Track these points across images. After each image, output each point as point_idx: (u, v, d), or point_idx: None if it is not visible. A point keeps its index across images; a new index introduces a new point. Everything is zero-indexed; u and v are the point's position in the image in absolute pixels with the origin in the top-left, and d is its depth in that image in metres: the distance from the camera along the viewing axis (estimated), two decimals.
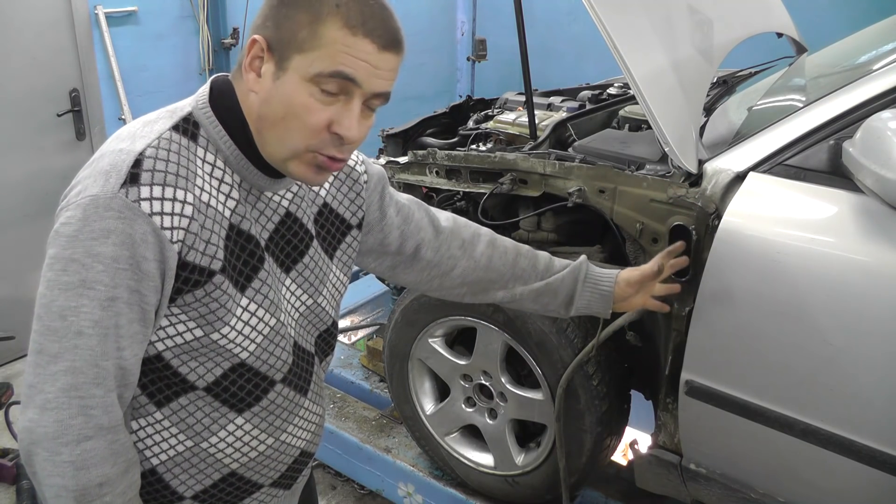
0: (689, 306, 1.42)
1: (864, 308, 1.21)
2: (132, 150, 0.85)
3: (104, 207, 0.82)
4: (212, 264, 0.89)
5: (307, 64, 0.85)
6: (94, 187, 0.83)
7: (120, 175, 0.83)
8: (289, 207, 1.02)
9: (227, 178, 0.93)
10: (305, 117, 0.87)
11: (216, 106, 0.92)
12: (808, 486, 1.41)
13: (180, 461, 0.99)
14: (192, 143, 0.90)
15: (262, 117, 0.89)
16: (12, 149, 3.11)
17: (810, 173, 1.33)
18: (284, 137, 0.89)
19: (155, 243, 0.84)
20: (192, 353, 0.94)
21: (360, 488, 2.45)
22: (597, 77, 2.69)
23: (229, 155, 0.92)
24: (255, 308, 0.96)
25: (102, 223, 0.82)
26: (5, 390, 2.98)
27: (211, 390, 0.97)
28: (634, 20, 1.48)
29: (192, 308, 0.90)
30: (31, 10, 3.05)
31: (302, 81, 0.86)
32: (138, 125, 0.90)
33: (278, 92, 0.87)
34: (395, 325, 1.97)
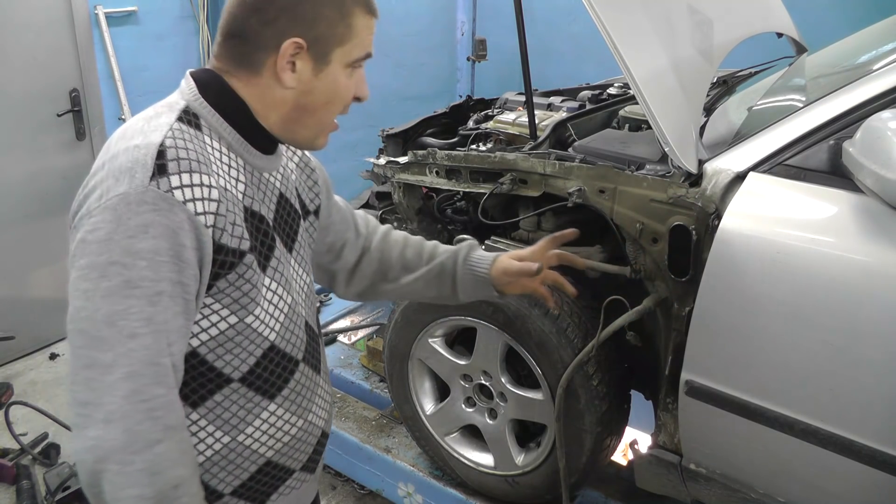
0: (689, 306, 1.43)
1: (864, 308, 1.21)
2: (151, 143, 0.86)
3: (137, 203, 0.82)
4: (241, 245, 0.92)
5: (346, 54, 0.96)
6: (120, 186, 0.83)
7: (147, 168, 0.83)
8: (280, 188, 1.07)
9: (233, 162, 0.96)
10: (346, 96, 0.99)
11: (208, 97, 0.95)
12: (808, 486, 1.41)
13: (218, 459, 1.00)
14: (198, 133, 0.93)
15: (303, 107, 0.97)
16: (12, 149, 3.11)
17: (810, 173, 1.33)
18: (324, 118, 0.99)
19: (191, 230, 0.85)
20: (227, 345, 0.95)
21: (360, 488, 2.45)
22: (597, 77, 2.69)
23: (231, 140, 0.96)
24: (276, 287, 0.99)
25: (139, 218, 0.82)
26: (5, 390, 2.98)
27: (245, 380, 0.99)
28: (634, 20, 1.48)
29: (225, 294, 0.92)
30: (31, 10, 3.05)
31: (343, 68, 0.97)
32: (140, 122, 0.91)
33: (322, 83, 0.96)
34: (395, 325, 1.97)
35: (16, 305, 3.26)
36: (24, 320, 3.29)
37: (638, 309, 1.55)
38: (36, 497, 2.39)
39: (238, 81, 0.96)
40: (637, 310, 1.55)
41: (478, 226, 1.91)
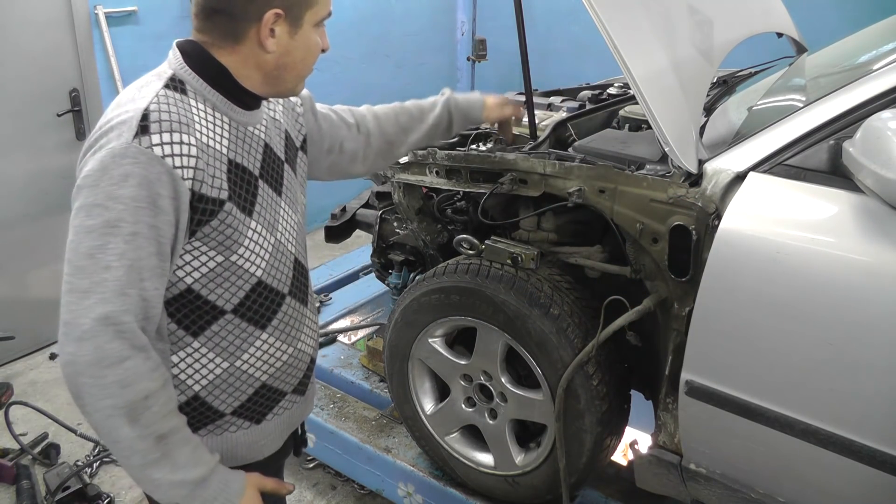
0: (689, 306, 1.43)
1: (864, 308, 1.21)
2: (138, 108, 1.00)
3: (121, 156, 0.96)
4: (220, 194, 1.06)
5: (315, 15, 1.11)
6: (109, 143, 0.97)
7: (132, 129, 0.98)
8: (264, 139, 1.20)
9: (217, 121, 1.10)
10: (316, 51, 1.15)
11: (192, 65, 1.10)
12: (808, 486, 1.41)
13: (219, 383, 1.16)
14: (183, 97, 1.07)
15: (283, 66, 1.12)
16: (12, 149, 3.11)
17: (810, 173, 1.33)
18: (303, 71, 1.15)
19: (169, 182, 0.99)
20: (217, 280, 1.10)
21: (360, 488, 2.45)
22: (597, 77, 2.69)
23: (216, 101, 1.11)
24: (261, 229, 1.14)
25: (121, 169, 0.96)
26: (5, 390, 2.98)
27: (237, 311, 1.14)
28: (634, 20, 1.48)
29: (210, 238, 1.07)
30: (31, 9, 3.05)
31: (313, 28, 1.12)
32: (132, 91, 1.06)
33: (298, 43, 1.11)
34: (395, 325, 1.97)
35: (16, 305, 3.26)
36: (24, 320, 3.29)
37: (638, 309, 1.55)
38: (36, 497, 2.39)
39: (222, 51, 1.10)
40: (637, 310, 1.55)
41: (478, 226, 1.91)
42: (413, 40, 5.11)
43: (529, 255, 1.71)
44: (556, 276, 1.74)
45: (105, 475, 2.58)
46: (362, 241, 3.26)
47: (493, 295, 1.71)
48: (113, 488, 2.51)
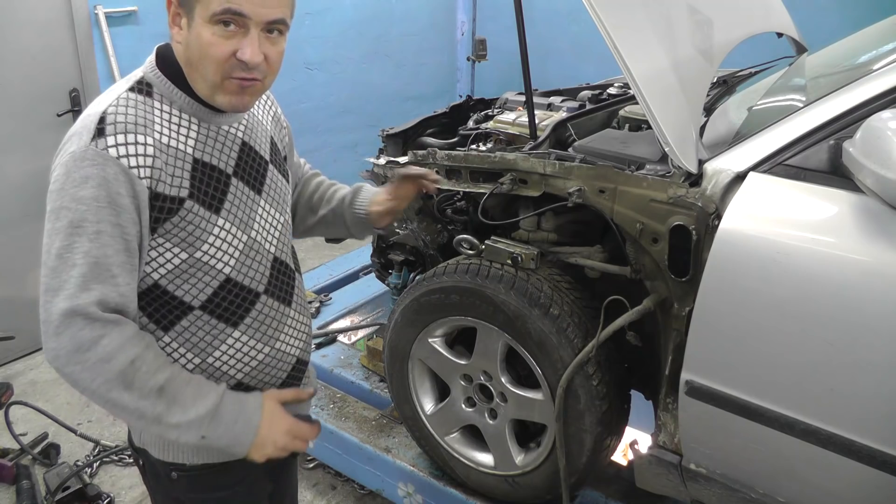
0: (689, 306, 1.43)
1: (864, 308, 1.21)
2: (97, 111, 1.04)
3: (80, 159, 1.00)
4: (180, 193, 1.07)
5: (204, 9, 1.02)
6: (71, 146, 1.02)
7: (90, 132, 1.01)
8: (244, 138, 1.20)
9: (184, 122, 1.11)
10: (212, 52, 1.03)
11: (163, 67, 1.10)
12: (808, 486, 1.41)
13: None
14: (147, 99, 1.08)
15: (187, 61, 1.07)
16: (12, 149, 3.11)
17: (810, 173, 1.33)
18: (204, 73, 1.06)
19: (126, 181, 1.01)
20: (183, 276, 1.11)
21: (360, 488, 2.45)
22: (597, 77, 2.70)
23: (183, 103, 1.11)
24: (230, 227, 1.14)
25: (81, 172, 1.00)
26: (5, 390, 2.98)
27: (206, 307, 1.14)
28: (634, 20, 1.48)
29: (173, 234, 1.08)
30: (31, 9, 3.05)
31: (204, 24, 1.03)
32: (101, 96, 1.08)
33: (192, 37, 1.04)
34: (395, 325, 1.97)
35: (16, 305, 3.26)
36: (24, 320, 3.28)
37: (638, 309, 1.55)
38: (36, 497, 2.39)
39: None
40: (637, 310, 1.55)
41: (478, 226, 1.91)
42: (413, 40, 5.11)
43: (529, 255, 1.71)
44: (556, 276, 1.74)
45: (105, 475, 2.58)
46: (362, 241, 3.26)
47: (493, 295, 1.71)
48: (113, 488, 2.51)
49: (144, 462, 1.24)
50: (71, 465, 2.53)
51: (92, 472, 2.57)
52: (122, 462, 2.63)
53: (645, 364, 1.76)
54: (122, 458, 2.64)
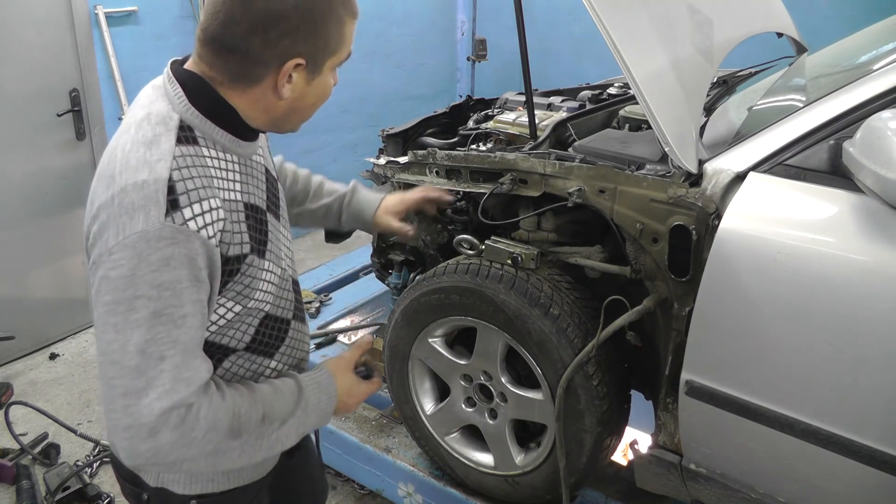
0: (689, 306, 1.43)
1: (864, 308, 1.21)
2: (159, 178, 0.93)
3: (156, 239, 0.91)
4: (243, 249, 1.03)
5: (336, 60, 1.06)
6: (136, 224, 0.91)
7: (160, 205, 0.91)
8: (265, 164, 1.17)
9: (229, 163, 1.05)
10: (329, 93, 1.09)
11: (198, 105, 1.02)
12: (808, 486, 1.41)
13: None
14: (196, 148, 1.00)
15: (293, 110, 1.07)
16: (12, 149, 3.11)
17: (810, 173, 1.33)
18: (309, 113, 1.10)
19: (205, 254, 0.95)
20: (231, 325, 1.08)
21: (360, 488, 2.45)
22: (597, 77, 2.69)
23: (225, 142, 1.05)
24: (271, 266, 1.11)
25: (159, 253, 0.91)
26: (5, 390, 2.98)
27: (249, 348, 1.14)
28: (634, 20, 1.48)
29: (230, 290, 1.04)
30: (31, 9, 3.05)
31: (330, 72, 1.07)
32: (141, 149, 0.96)
33: (313, 88, 1.05)
34: (395, 325, 1.97)
35: (16, 305, 3.26)
36: (24, 320, 3.29)
37: (638, 309, 1.55)
38: (36, 497, 2.39)
39: (230, 91, 1.02)
40: (637, 310, 1.55)
41: (478, 226, 1.91)
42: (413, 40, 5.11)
43: (529, 255, 1.71)
44: (556, 276, 1.74)
45: (105, 475, 2.58)
46: (362, 241, 3.26)
47: (493, 295, 1.71)
48: (113, 488, 2.51)
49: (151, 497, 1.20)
50: (71, 465, 2.54)
51: (92, 472, 2.57)
52: None
53: (645, 364, 1.76)
54: None
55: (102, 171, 0.99)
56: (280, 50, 0.98)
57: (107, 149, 1.02)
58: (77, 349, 3.40)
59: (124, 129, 1.01)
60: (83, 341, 3.47)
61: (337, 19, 1.02)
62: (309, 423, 1.13)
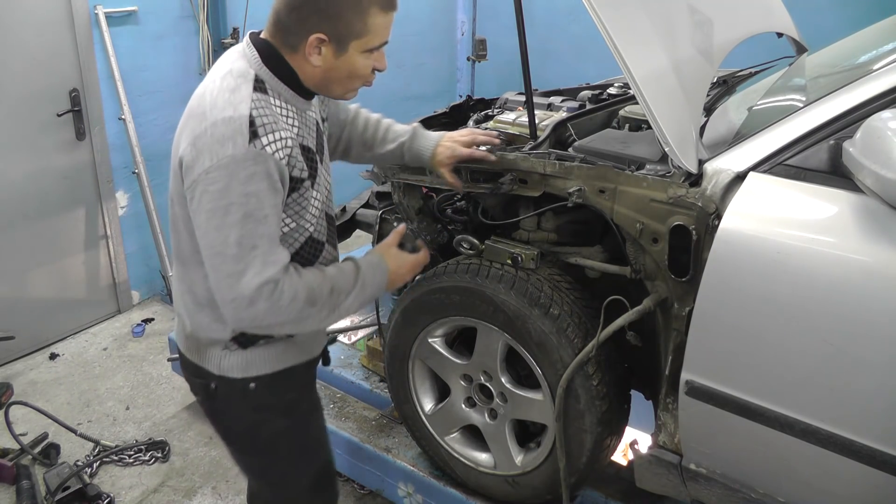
0: (689, 306, 1.43)
1: (864, 308, 1.21)
2: (242, 115, 1.23)
3: (242, 160, 1.21)
4: (302, 174, 1.33)
5: (363, 44, 1.30)
6: (227, 150, 1.21)
7: (244, 135, 1.22)
8: (315, 117, 1.45)
9: (289, 112, 1.35)
10: (364, 73, 1.35)
11: (269, 65, 1.32)
12: (808, 486, 1.41)
13: None
14: (265, 96, 1.30)
15: (329, 79, 1.34)
16: (12, 149, 3.11)
17: (810, 173, 1.33)
18: (349, 85, 1.38)
19: (277, 170, 1.25)
20: (285, 239, 1.37)
21: (360, 488, 2.45)
22: (597, 77, 2.69)
23: (287, 96, 1.35)
24: (318, 195, 1.41)
25: (246, 171, 1.21)
26: (5, 390, 2.98)
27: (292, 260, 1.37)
28: (634, 20, 1.48)
29: (290, 207, 1.34)
30: (31, 9, 3.05)
31: (359, 54, 1.31)
32: (226, 94, 1.26)
33: (342, 63, 1.32)
34: (395, 325, 1.97)
35: (16, 305, 3.26)
36: (24, 320, 3.29)
37: (638, 309, 1.55)
38: (36, 497, 2.39)
39: (285, 54, 1.32)
40: (637, 310, 1.55)
41: (478, 226, 1.91)
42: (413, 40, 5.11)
43: (529, 255, 1.71)
44: (556, 276, 1.74)
45: (105, 475, 2.58)
46: (362, 241, 3.26)
47: (493, 295, 1.71)
48: (113, 488, 2.51)
49: (218, 385, 1.48)
50: (71, 465, 2.53)
51: (92, 472, 2.57)
52: (122, 462, 2.63)
53: (645, 364, 1.76)
54: (122, 458, 2.65)
55: (192, 109, 1.29)
56: (308, 26, 1.27)
57: (195, 94, 1.32)
58: (77, 349, 3.40)
59: (210, 80, 1.31)
60: (83, 341, 3.47)
61: (360, 8, 1.26)
62: (367, 294, 1.43)
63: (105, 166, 3.47)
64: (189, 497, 2.50)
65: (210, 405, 1.56)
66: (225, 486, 2.55)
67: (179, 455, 2.71)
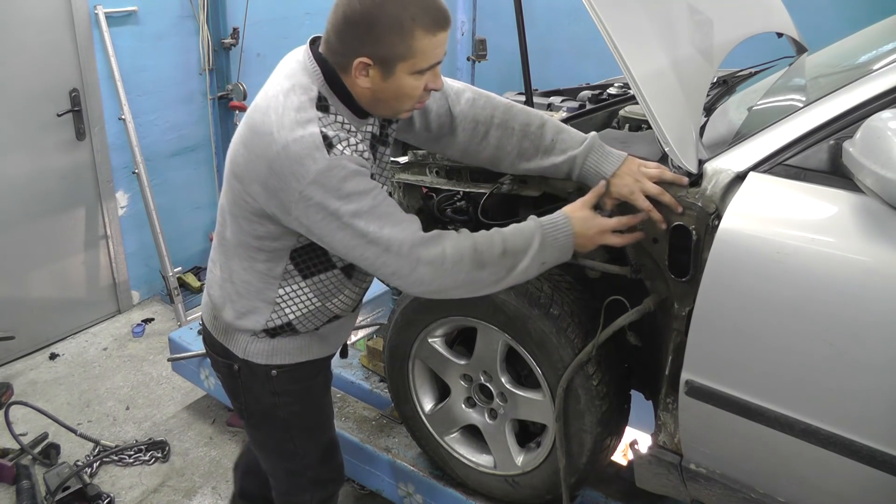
0: (689, 306, 1.42)
1: (864, 308, 1.21)
2: (313, 133, 1.26)
3: (327, 169, 1.25)
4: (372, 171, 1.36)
5: (410, 66, 1.28)
6: (311, 167, 1.25)
7: (321, 149, 1.26)
8: (372, 130, 1.45)
9: (350, 127, 1.35)
10: (414, 94, 1.33)
11: (332, 86, 1.33)
12: (808, 486, 1.41)
13: (308, 315, 1.51)
14: (327, 115, 1.32)
15: (378, 99, 1.34)
16: (12, 149, 3.11)
17: (810, 173, 1.33)
18: (399, 106, 1.36)
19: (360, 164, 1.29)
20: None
21: (360, 488, 2.45)
22: (597, 77, 2.69)
23: (345, 115, 1.35)
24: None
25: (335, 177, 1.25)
26: (5, 390, 2.98)
27: (344, 270, 1.48)
28: (634, 20, 1.48)
29: None
30: (31, 9, 3.05)
31: (407, 76, 1.29)
32: (291, 113, 1.28)
33: (390, 86, 1.30)
34: (395, 325, 1.97)
35: (16, 305, 3.26)
36: (24, 320, 3.29)
37: (638, 309, 1.55)
38: (36, 497, 2.39)
39: (339, 73, 1.33)
40: (637, 310, 1.55)
41: (478, 226, 1.91)
42: None
43: None
44: (556, 276, 1.74)
45: (105, 475, 2.58)
46: None
47: (493, 295, 1.71)
48: (113, 488, 2.51)
49: (241, 368, 1.56)
50: (71, 465, 2.54)
51: (92, 472, 2.58)
52: (122, 462, 2.64)
53: (645, 364, 1.76)
54: (122, 458, 2.65)
55: (257, 125, 1.31)
56: (353, 49, 1.28)
57: (256, 106, 1.34)
58: (77, 349, 3.40)
59: (273, 94, 1.32)
60: (83, 341, 3.48)
61: (403, 32, 1.24)
62: (548, 256, 1.37)
63: (105, 166, 3.47)
64: (189, 497, 2.50)
65: (231, 384, 1.64)
66: (225, 486, 2.55)
67: (179, 455, 2.71)
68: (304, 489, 1.76)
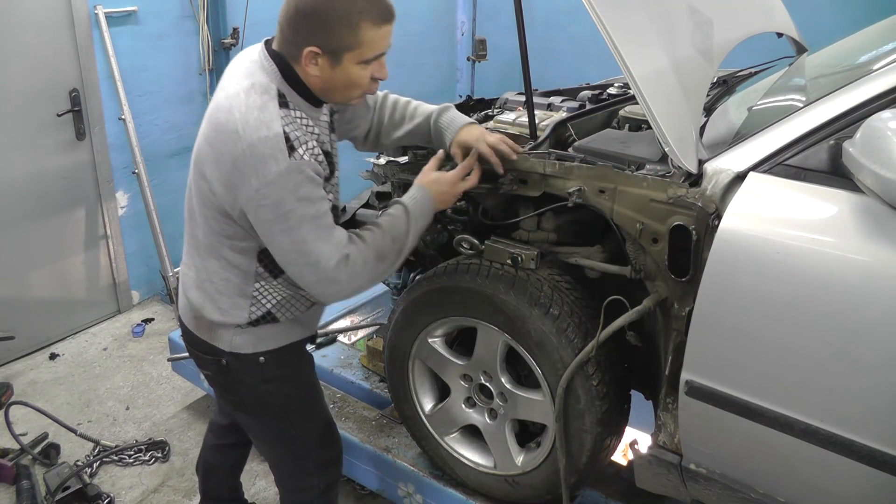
0: (689, 306, 1.43)
1: (864, 308, 1.21)
2: (277, 133, 1.35)
3: (287, 172, 1.34)
4: (325, 172, 1.45)
5: (356, 56, 1.38)
6: (270, 168, 1.34)
7: (283, 151, 1.35)
8: (327, 120, 1.56)
9: (308, 121, 1.45)
10: (361, 82, 1.43)
11: (288, 80, 1.42)
12: (808, 486, 1.41)
13: (284, 302, 1.60)
14: (288, 111, 1.41)
15: (328, 87, 1.44)
16: (12, 149, 3.11)
17: (810, 173, 1.33)
18: (349, 94, 1.46)
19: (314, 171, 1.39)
20: None
21: (360, 488, 2.45)
22: (597, 77, 2.69)
23: (303, 107, 1.45)
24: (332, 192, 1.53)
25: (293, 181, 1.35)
26: (5, 390, 2.98)
27: None
28: (634, 20, 1.48)
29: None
30: (31, 9, 3.05)
31: (354, 65, 1.39)
32: (255, 112, 1.36)
33: (337, 74, 1.40)
34: (395, 325, 1.97)
35: (16, 305, 3.26)
36: (24, 320, 3.29)
37: (638, 309, 1.55)
38: (36, 497, 2.39)
39: (292, 63, 1.41)
40: (637, 310, 1.55)
41: (478, 226, 1.91)
42: (413, 40, 5.10)
43: (529, 255, 1.71)
44: (556, 276, 1.74)
45: (105, 475, 2.58)
46: None
47: (493, 295, 1.71)
48: (113, 488, 2.51)
49: (230, 361, 1.62)
50: (71, 465, 2.54)
51: (92, 472, 2.57)
52: (122, 462, 2.64)
53: (645, 364, 1.76)
54: (122, 458, 2.65)
55: (220, 123, 1.38)
56: (301, 38, 1.36)
57: (217, 105, 1.42)
58: (77, 349, 3.40)
59: (234, 92, 1.39)
60: (83, 341, 3.47)
61: (350, 24, 1.33)
62: (421, 224, 1.59)
63: (105, 166, 3.47)
64: (189, 497, 2.50)
65: (222, 379, 1.69)
66: None
67: (179, 455, 2.71)
68: (310, 472, 1.82)
